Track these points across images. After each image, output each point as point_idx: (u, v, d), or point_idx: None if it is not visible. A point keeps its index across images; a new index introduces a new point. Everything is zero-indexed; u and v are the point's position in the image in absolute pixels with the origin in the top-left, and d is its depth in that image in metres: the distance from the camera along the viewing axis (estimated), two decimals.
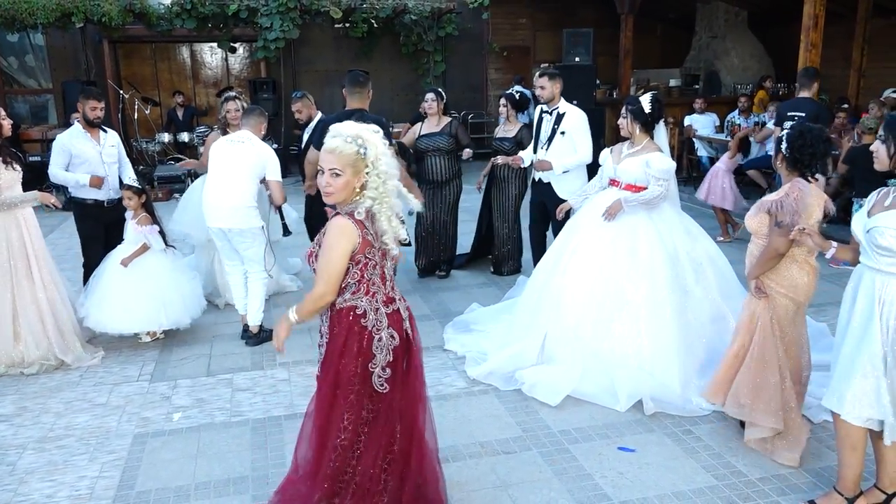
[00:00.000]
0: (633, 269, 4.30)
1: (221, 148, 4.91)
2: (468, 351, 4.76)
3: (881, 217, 2.76)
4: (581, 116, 5.59)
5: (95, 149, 5.22)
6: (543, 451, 3.60)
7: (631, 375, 4.12)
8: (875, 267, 2.81)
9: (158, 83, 13.96)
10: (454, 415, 3.99)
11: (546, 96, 5.59)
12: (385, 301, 2.67)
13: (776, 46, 13.44)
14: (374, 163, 2.54)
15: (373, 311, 2.63)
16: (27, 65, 13.13)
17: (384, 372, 2.64)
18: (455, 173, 6.35)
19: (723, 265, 4.53)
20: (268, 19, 12.01)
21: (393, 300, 2.71)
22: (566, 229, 4.74)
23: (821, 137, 3.21)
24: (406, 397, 2.76)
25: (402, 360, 2.71)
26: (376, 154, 2.55)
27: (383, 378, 2.64)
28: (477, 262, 6.85)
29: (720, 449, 3.58)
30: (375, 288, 2.65)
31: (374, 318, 2.63)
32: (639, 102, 4.38)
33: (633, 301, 4.26)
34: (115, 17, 11.25)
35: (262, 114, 5.10)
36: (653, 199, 4.32)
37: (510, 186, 6.36)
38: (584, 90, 10.69)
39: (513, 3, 14.19)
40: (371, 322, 2.62)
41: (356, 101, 5.12)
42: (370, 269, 2.62)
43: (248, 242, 4.89)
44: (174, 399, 4.24)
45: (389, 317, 2.66)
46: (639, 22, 12.20)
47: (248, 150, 4.84)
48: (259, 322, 5.03)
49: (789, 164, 3.27)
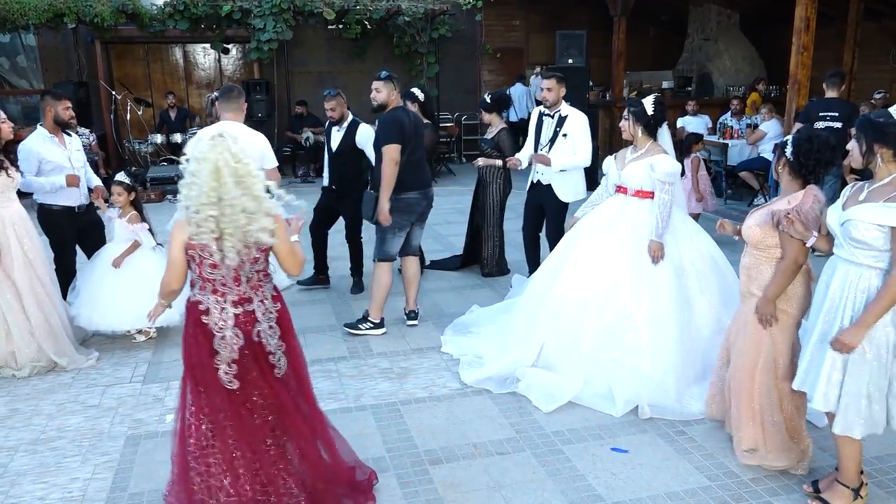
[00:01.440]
0: (637, 281, 4.22)
1: None
2: (463, 354, 4.74)
3: (854, 210, 2.83)
4: (583, 119, 5.60)
5: (63, 153, 5.03)
6: (537, 452, 3.61)
7: (628, 381, 4.08)
8: (848, 258, 2.88)
9: (151, 84, 13.91)
10: (447, 416, 3.99)
11: (552, 98, 5.56)
12: (237, 301, 2.72)
13: (768, 49, 13.50)
14: (190, 170, 2.62)
15: (218, 310, 2.70)
16: (19, 66, 13.05)
17: (230, 368, 2.69)
18: None
19: (725, 270, 4.41)
20: (261, 20, 11.99)
21: (250, 300, 2.75)
22: (568, 237, 4.66)
23: (828, 144, 3.13)
24: (274, 398, 2.79)
25: (252, 361, 2.74)
26: (196, 160, 2.61)
27: (230, 374, 2.70)
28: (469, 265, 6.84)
29: (713, 450, 3.60)
30: (225, 289, 2.71)
31: (219, 317, 2.69)
32: (641, 104, 4.31)
33: (635, 314, 4.19)
34: (107, 17, 11.21)
35: (239, 93, 4.85)
36: (667, 211, 4.20)
37: (491, 187, 6.37)
38: (577, 92, 10.69)
39: (506, 5, 14.21)
40: (214, 319, 2.69)
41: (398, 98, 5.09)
42: (208, 269, 2.67)
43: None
44: (167, 401, 4.22)
45: (238, 317, 2.71)
46: (631, 24, 12.23)
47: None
48: None
49: (793, 169, 3.17)
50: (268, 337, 2.77)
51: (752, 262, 3.31)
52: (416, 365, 4.68)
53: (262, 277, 2.79)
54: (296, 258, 2.86)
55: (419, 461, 3.54)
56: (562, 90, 5.59)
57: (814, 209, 3.06)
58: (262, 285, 2.79)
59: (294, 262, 2.85)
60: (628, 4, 11.57)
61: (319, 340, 5.11)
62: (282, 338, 2.83)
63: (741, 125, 10.24)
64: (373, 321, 5.12)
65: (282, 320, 2.85)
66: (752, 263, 3.32)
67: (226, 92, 4.85)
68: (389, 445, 3.69)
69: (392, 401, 4.19)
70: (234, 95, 4.83)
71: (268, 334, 2.77)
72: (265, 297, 2.79)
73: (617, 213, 4.41)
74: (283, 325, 2.85)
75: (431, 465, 3.50)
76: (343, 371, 4.60)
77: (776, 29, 12.65)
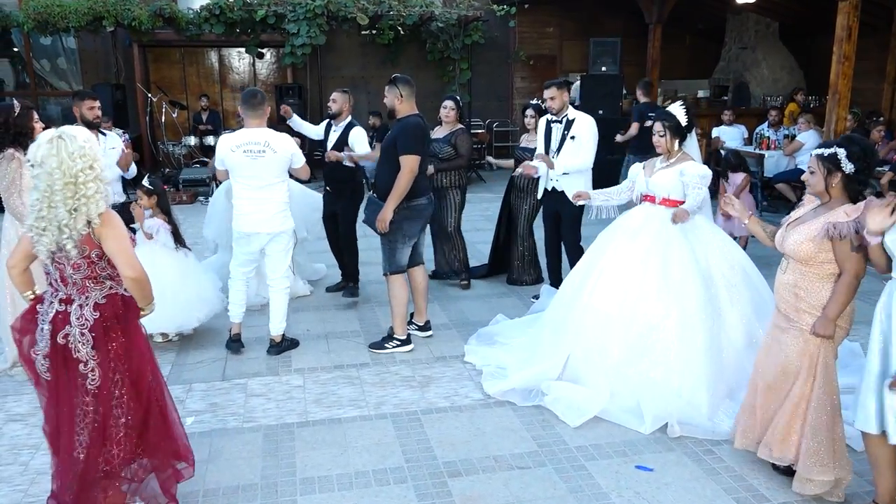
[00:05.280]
0: (665, 291, 4.11)
1: (241, 162, 4.62)
2: (486, 364, 4.66)
3: None
4: (590, 122, 5.52)
5: None
6: (559, 468, 3.51)
7: (657, 396, 3.97)
8: None
9: (187, 87, 14.08)
10: (468, 427, 3.92)
11: (556, 106, 5.53)
12: (63, 300, 2.78)
13: (808, 58, 13.23)
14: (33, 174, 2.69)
15: (47, 304, 2.81)
16: (59, 67, 13.34)
17: (45, 361, 2.77)
18: (453, 182, 6.23)
19: (758, 282, 4.28)
20: (295, 25, 12.07)
21: (72, 302, 2.77)
22: (595, 246, 4.58)
23: (876, 153, 3.02)
24: (68, 396, 2.81)
25: (62, 362, 2.77)
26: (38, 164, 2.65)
27: (45, 366, 2.78)
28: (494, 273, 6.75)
29: (742, 470, 3.47)
30: (57, 285, 2.79)
31: (45, 310, 2.79)
32: (674, 117, 4.24)
33: (663, 325, 4.08)
34: (144, 21, 11.39)
35: (262, 98, 4.71)
36: (700, 201, 4.21)
37: (529, 196, 6.27)
38: (610, 100, 10.63)
39: (540, 12, 14.13)
40: (42, 311, 2.80)
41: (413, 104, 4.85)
42: (46, 265, 2.77)
43: (282, 245, 4.84)
44: (188, 403, 4.22)
45: (56, 315, 2.76)
46: (667, 32, 12.08)
47: (271, 160, 4.61)
48: (282, 332, 4.95)
49: (852, 184, 3.00)
50: (77, 343, 2.75)
51: (800, 279, 3.13)
52: (438, 374, 4.62)
53: (90, 283, 2.78)
54: (130, 266, 2.76)
55: (438, 473, 3.47)
56: (564, 96, 5.56)
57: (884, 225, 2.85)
58: (87, 291, 2.79)
59: (127, 269, 2.76)
60: (664, 12, 11.42)
61: (343, 346, 5.07)
62: (96, 348, 2.77)
63: (778, 136, 10.01)
64: (399, 338, 4.95)
65: (97, 331, 2.77)
66: (799, 281, 3.14)
67: (248, 97, 4.71)
68: (408, 456, 3.63)
69: (413, 410, 4.12)
70: (256, 101, 4.67)
71: (77, 340, 2.74)
72: (85, 304, 2.78)
73: (643, 222, 4.33)
74: (99, 337, 2.77)
75: (450, 478, 3.43)
76: (365, 378, 4.55)
77: (817, 38, 12.40)
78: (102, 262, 2.78)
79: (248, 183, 4.68)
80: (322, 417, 4.02)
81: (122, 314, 2.84)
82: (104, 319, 2.79)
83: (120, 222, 2.80)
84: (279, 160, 4.66)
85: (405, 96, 4.76)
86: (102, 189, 2.73)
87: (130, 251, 2.81)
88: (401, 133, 4.72)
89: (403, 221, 4.74)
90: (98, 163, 2.73)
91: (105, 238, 2.72)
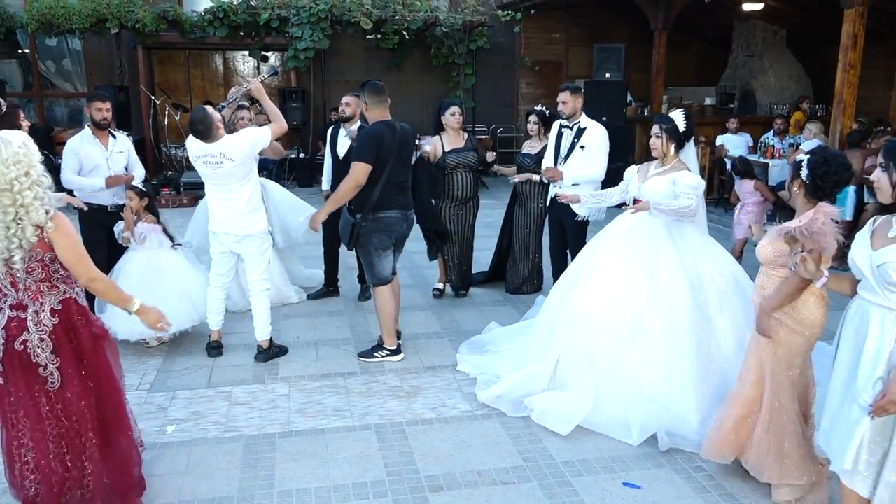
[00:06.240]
0: (653, 295, 4.06)
1: (203, 171, 4.59)
2: (480, 373, 4.59)
3: (889, 251, 2.52)
4: (602, 132, 5.44)
5: (103, 154, 5.16)
6: (543, 483, 3.42)
7: (645, 407, 3.90)
8: (884, 305, 2.56)
9: (191, 90, 14.07)
10: (453, 440, 3.83)
11: (568, 111, 5.47)
12: (13, 306, 2.72)
13: (816, 67, 13.08)
14: None
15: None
16: (64, 69, 13.35)
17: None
18: (476, 191, 6.17)
19: (749, 290, 4.20)
20: (298, 29, 12.04)
21: (25, 308, 2.71)
22: (585, 249, 4.56)
23: (845, 165, 2.97)
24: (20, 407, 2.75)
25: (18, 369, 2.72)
26: None
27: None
28: (493, 281, 6.66)
29: (732, 489, 3.37)
30: (7, 290, 2.72)
31: None
32: (672, 121, 4.17)
33: (651, 329, 4.03)
34: (148, 23, 11.37)
35: (211, 123, 4.44)
36: (681, 209, 4.08)
37: (532, 203, 6.18)
38: (614, 106, 10.52)
39: (546, 18, 14.04)
40: None
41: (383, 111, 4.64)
42: None
43: (255, 248, 4.77)
44: (170, 411, 4.15)
45: (9, 321, 2.72)
46: (674, 38, 11.98)
47: (229, 169, 4.51)
48: (268, 337, 4.89)
49: (809, 191, 3.01)
50: (36, 348, 2.70)
51: (766, 280, 3.18)
52: (427, 384, 4.54)
53: (44, 288, 2.72)
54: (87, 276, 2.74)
55: (419, 487, 3.39)
56: (577, 101, 5.48)
57: (824, 230, 2.85)
58: (41, 296, 2.72)
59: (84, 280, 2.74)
60: (670, 19, 11.34)
61: (332, 354, 5.00)
62: (56, 353, 2.73)
63: (783, 144, 9.90)
64: (388, 348, 4.86)
65: (57, 336, 2.73)
66: (765, 283, 3.18)
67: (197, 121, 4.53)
68: (390, 469, 3.54)
69: (398, 421, 4.04)
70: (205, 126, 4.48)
71: (36, 346, 2.70)
72: (41, 309, 2.72)
73: (633, 226, 4.28)
74: (59, 342, 2.73)
75: (431, 493, 3.35)
76: (351, 387, 4.47)
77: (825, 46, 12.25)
78: (56, 265, 2.72)
79: (214, 186, 4.68)
80: (305, 428, 3.95)
81: (81, 323, 2.78)
82: (63, 325, 2.73)
83: (71, 230, 2.73)
84: (237, 167, 4.54)
85: (371, 104, 4.61)
86: (42, 195, 2.64)
87: (85, 259, 2.74)
88: (357, 141, 4.72)
89: (371, 234, 4.63)
90: (35, 168, 2.64)
91: (57, 247, 2.66)
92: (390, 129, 4.56)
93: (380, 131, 4.52)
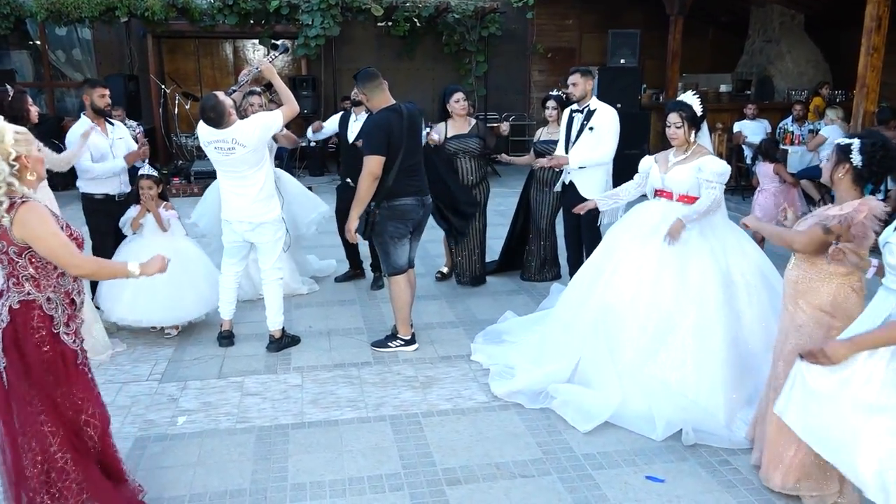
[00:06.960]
0: (682, 292, 3.90)
1: (215, 157, 4.48)
2: (494, 364, 4.47)
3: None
4: (612, 114, 5.30)
5: (105, 141, 5.06)
6: (564, 477, 3.32)
7: (671, 401, 3.77)
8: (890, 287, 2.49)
9: (201, 79, 13.98)
10: (471, 431, 3.73)
11: (578, 93, 5.34)
12: None
13: (835, 51, 12.84)
14: None
15: None
16: (74, 59, 13.28)
17: None
18: (483, 175, 6.06)
19: (776, 284, 4.03)
20: (309, 16, 11.91)
21: None
22: (606, 242, 4.39)
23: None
24: None
25: None
26: None
27: None
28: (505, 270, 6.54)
29: (760, 483, 3.25)
30: None
31: None
32: (690, 107, 4.02)
33: (680, 328, 3.88)
34: (157, 11, 11.28)
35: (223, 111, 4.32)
36: (710, 206, 3.94)
37: (551, 190, 6.05)
38: (628, 93, 10.35)
39: (559, 4, 13.85)
40: None
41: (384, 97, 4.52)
42: None
43: (268, 235, 4.67)
44: (181, 401, 4.07)
45: None
46: (689, 24, 11.77)
47: (241, 155, 4.40)
48: (280, 326, 4.80)
49: (858, 177, 2.84)
50: None
51: (801, 275, 3.02)
52: (442, 374, 4.44)
53: (11, 283, 2.59)
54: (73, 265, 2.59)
55: (436, 480, 3.29)
56: (588, 84, 5.35)
57: (867, 223, 2.71)
58: (7, 290, 2.61)
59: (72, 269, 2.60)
60: (686, 4, 11.12)
61: (345, 344, 4.91)
62: (6, 353, 2.59)
63: (803, 131, 9.71)
64: (403, 338, 4.77)
65: (5, 338, 2.59)
66: (800, 277, 3.03)
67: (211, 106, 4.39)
68: (406, 461, 3.45)
69: (413, 412, 3.94)
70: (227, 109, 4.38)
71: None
72: (4, 303, 2.60)
73: (660, 219, 4.09)
74: (6, 344, 2.59)
75: (449, 486, 3.25)
76: (365, 377, 4.38)
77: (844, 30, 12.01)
78: (22, 261, 2.57)
79: (227, 173, 4.57)
80: (318, 419, 3.86)
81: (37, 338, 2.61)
82: (12, 329, 2.59)
83: (39, 223, 2.52)
84: (249, 154, 4.43)
85: (369, 93, 4.49)
86: None
87: (67, 247, 2.57)
88: (363, 132, 4.54)
89: (386, 222, 4.51)
90: None
91: (30, 242, 2.53)
92: (397, 114, 4.43)
93: (387, 119, 4.39)
